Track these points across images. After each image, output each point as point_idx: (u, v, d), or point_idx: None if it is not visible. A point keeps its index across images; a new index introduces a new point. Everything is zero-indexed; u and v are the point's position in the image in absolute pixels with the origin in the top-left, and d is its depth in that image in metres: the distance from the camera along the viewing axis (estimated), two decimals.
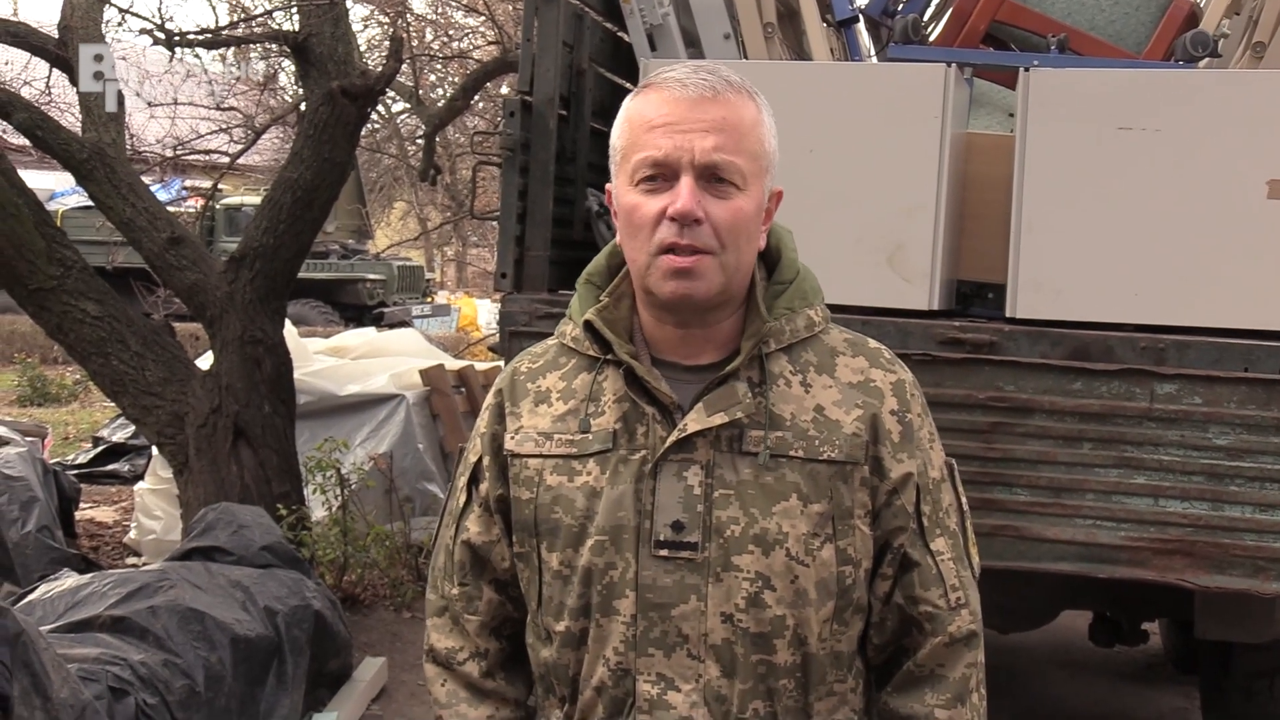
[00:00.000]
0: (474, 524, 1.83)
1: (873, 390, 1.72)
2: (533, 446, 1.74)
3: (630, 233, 1.66)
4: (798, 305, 1.73)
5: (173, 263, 6.12)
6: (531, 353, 1.85)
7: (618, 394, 1.71)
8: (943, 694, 1.72)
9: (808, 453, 1.66)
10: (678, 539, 1.65)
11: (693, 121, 1.61)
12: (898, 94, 3.78)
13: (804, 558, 1.65)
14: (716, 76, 1.64)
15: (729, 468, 1.66)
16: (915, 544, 1.72)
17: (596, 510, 1.68)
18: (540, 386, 1.78)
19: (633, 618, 1.67)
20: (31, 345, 16.11)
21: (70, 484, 7.16)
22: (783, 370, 1.70)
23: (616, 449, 1.69)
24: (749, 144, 1.64)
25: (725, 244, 1.62)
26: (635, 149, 1.65)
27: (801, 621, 1.66)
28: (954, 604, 1.72)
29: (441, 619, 1.87)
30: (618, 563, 1.67)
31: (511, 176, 4.11)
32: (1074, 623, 5.27)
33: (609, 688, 1.69)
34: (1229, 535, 3.49)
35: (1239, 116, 3.61)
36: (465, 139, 13.49)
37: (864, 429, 1.69)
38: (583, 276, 1.82)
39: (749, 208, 1.64)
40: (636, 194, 1.64)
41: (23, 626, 3.36)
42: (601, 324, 1.72)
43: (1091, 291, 3.67)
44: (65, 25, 6.39)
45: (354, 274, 20.55)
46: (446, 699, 1.85)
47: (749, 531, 1.65)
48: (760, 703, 1.67)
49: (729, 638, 1.65)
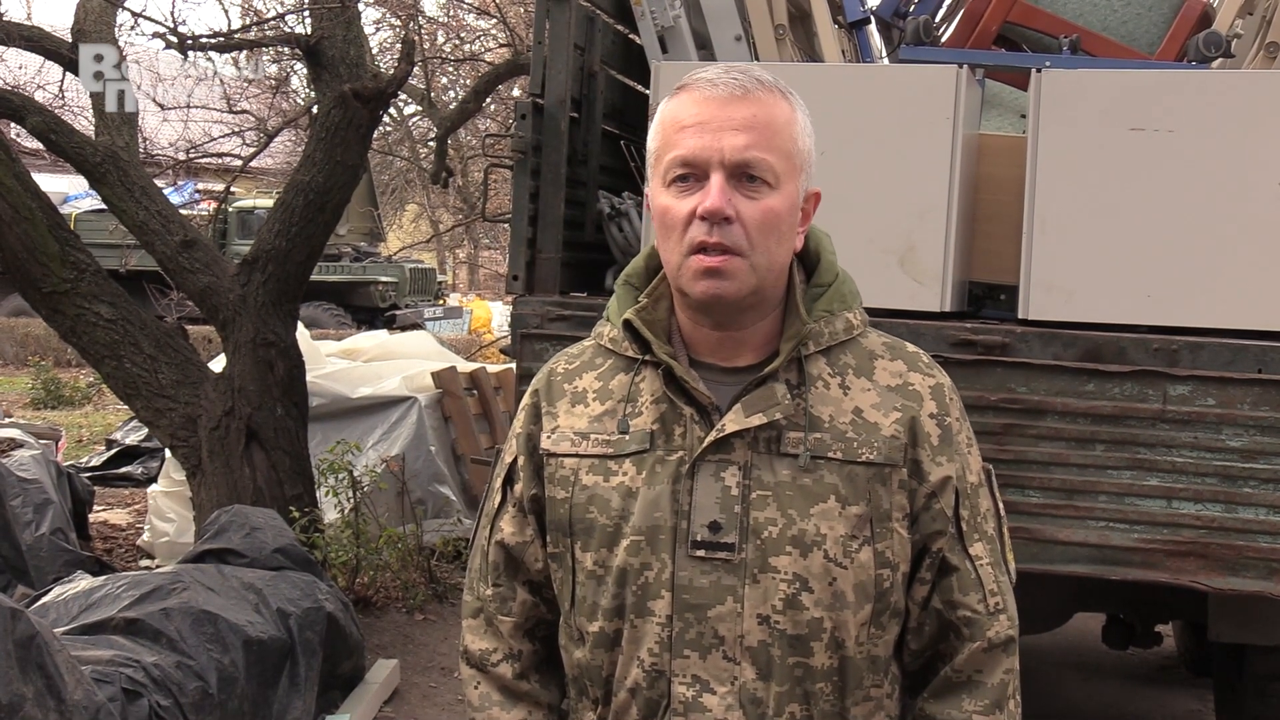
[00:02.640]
0: (508, 524, 1.83)
1: (911, 394, 1.71)
2: (569, 446, 1.74)
3: (664, 233, 1.66)
4: (837, 308, 1.73)
5: (186, 266, 6.13)
6: (568, 353, 1.85)
7: (655, 395, 1.70)
8: (981, 700, 1.71)
9: (846, 454, 1.66)
10: (715, 540, 1.65)
11: (723, 120, 1.61)
12: (909, 95, 3.78)
13: (842, 560, 1.65)
14: (748, 76, 1.64)
15: (767, 469, 1.66)
16: (954, 548, 1.71)
17: (632, 510, 1.68)
18: (577, 387, 1.77)
19: (668, 619, 1.66)
20: (45, 348, 16.17)
21: (84, 486, 7.17)
22: (821, 372, 1.70)
23: (654, 449, 1.69)
24: (781, 142, 1.64)
25: (755, 244, 1.62)
26: (667, 149, 1.65)
27: (839, 624, 1.65)
28: (992, 609, 1.71)
29: (476, 620, 1.87)
30: (653, 563, 1.66)
31: (523, 179, 4.12)
32: (1087, 625, 5.26)
33: (643, 689, 1.68)
34: (1243, 537, 3.48)
35: (1252, 117, 3.60)
36: (477, 141, 13.51)
37: (903, 432, 1.68)
38: (621, 278, 1.81)
39: (781, 207, 1.63)
40: (669, 195, 1.65)
41: (37, 629, 3.37)
42: (641, 324, 1.71)
43: (1104, 293, 3.66)
44: (78, 29, 6.42)
45: (366, 277, 20.60)
46: (479, 702, 1.85)
47: (787, 533, 1.64)
48: (796, 706, 1.66)
49: (765, 640, 1.64)
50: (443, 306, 22.26)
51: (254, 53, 9.05)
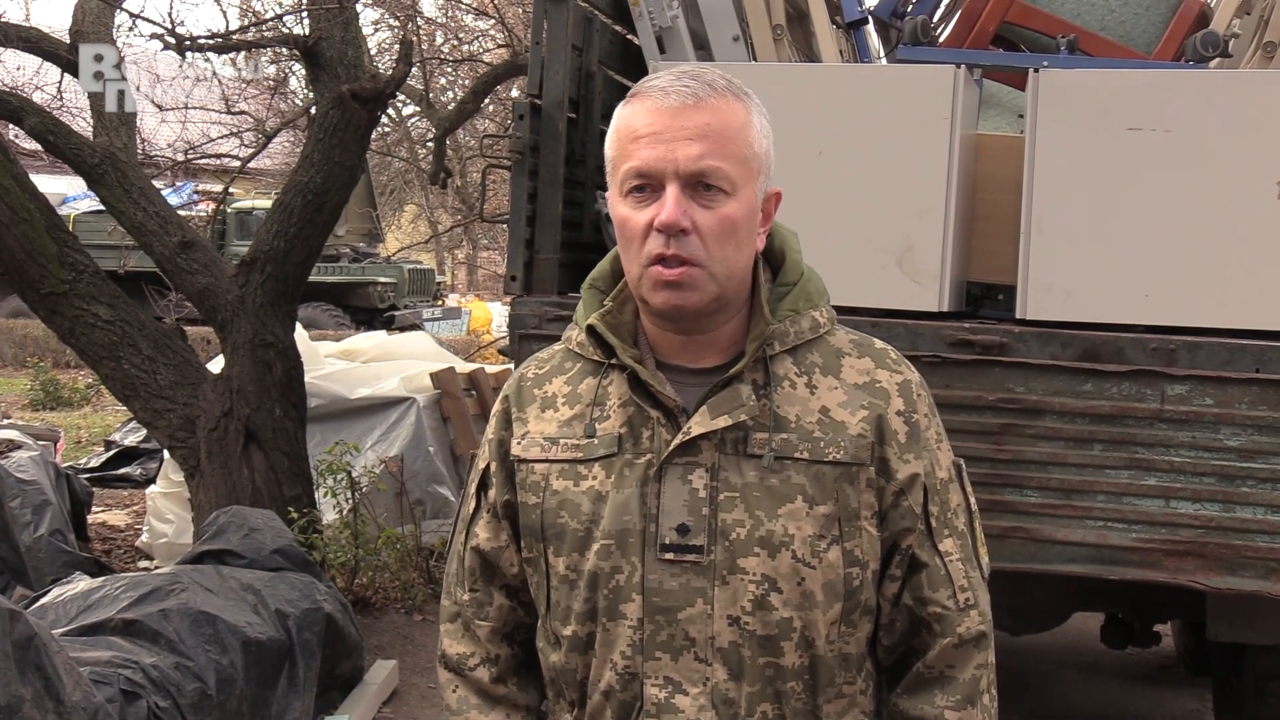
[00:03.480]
0: (483, 530, 1.83)
1: (878, 391, 1.71)
2: (539, 451, 1.74)
3: (624, 244, 1.67)
4: (802, 307, 1.73)
5: (184, 267, 6.13)
6: (538, 358, 1.85)
7: (622, 398, 1.71)
8: (952, 695, 1.71)
9: (813, 454, 1.66)
10: (683, 542, 1.65)
11: (676, 130, 1.60)
12: (907, 96, 3.78)
13: (810, 560, 1.65)
14: (700, 82, 1.63)
15: (734, 470, 1.66)
16: (923, 545, 1.71)
17: (602, 514, 1.68)
18: (546, 392, 1.78)
19: (639, 621, 1.67)
20: (43, 349, 16.16)
21: (82, 487, 7.17)
22: (787, 372, 1.70)
23: (622, 453, 1.69)
24: (736, 148, 1.63)
25: (713, 253, 1.61)
26: (623, 160, 1.64)
27: (809, 624, 1.66)
28: (963, 605, 1.72)
29: (454, 625, 1.88)
30: (624, 566, 1.67)
31: (521, 179, 4.12)
32: (1086, 624, 5.26)
33: (617, 692, 1.69)
34: (1241, 537, 3.48)
35: (1250, 117, 3.60)
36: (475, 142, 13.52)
37: (870, 430, 1.68)
38: (587, 281, 1.81)
39: (738, 214, 1.63)
40: (626, 206, 1.64)
41: (35, 630, 3.37)
42: (605, 329, 1.72)
43: (1102, 292, 3.66)
44: (76, 30, 6.42)
45: (365, 277, 20.59)
46: (458, 706, 1.85)
47: (755, 534, 1.64)
48: (768, 705, 1.67)
49: (736, 640, 1.65)
50: (441, 307, 22.24)
51: (252, 53, 9.04)
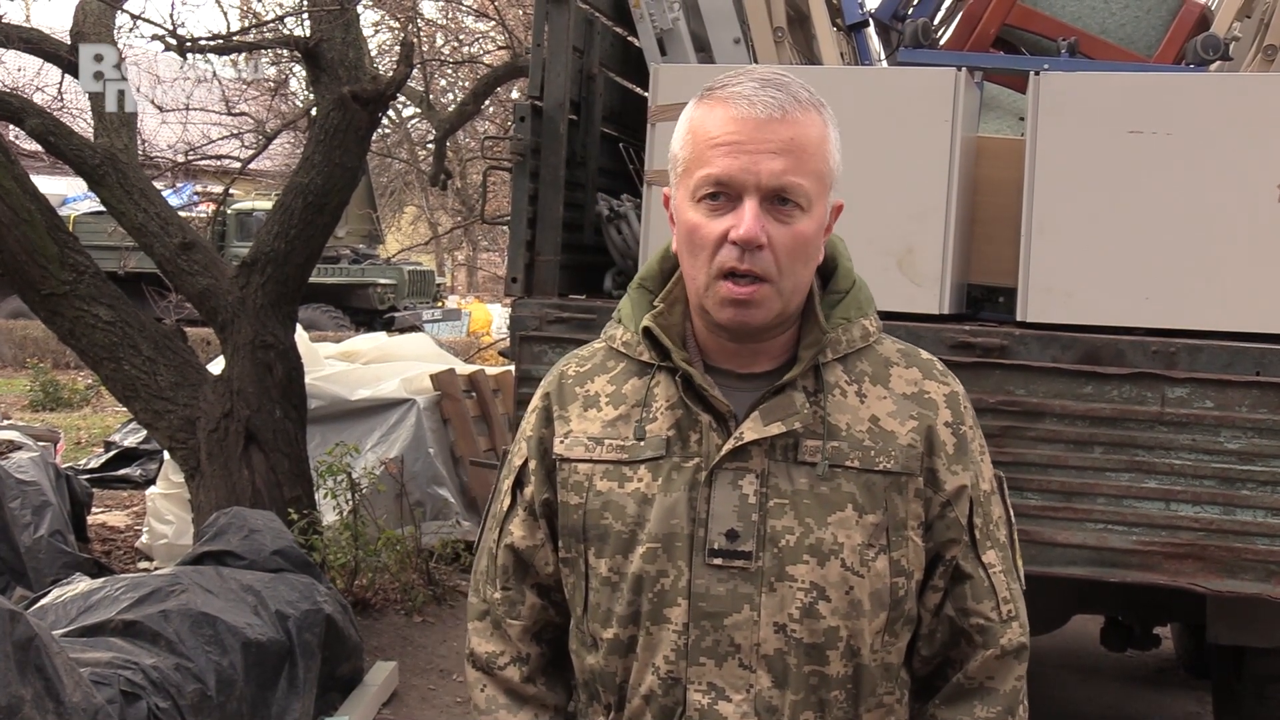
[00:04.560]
0: (518, 528, 1.81)
1: (927, 402, 1.71)
2: (583, 451, 1.72)
3: (690, 251, 1.64)
4: (854, 315, 1.73)
5: (184, 268, 6.13)
6: (578, 356, 1.83)
7: (671, 400, 1.69)
8: (993, 707, 1.71)
9: (864, 463, 1.65)
10: (732, 548, 1.64)
11: (760, 142, 1.58)
12: (908, 98, 3.78)
13: (859, 568, 1.64)
14: (785, 93, 1.61)
15: (784, 477, 1.65)
16: (968, 556, 1.71)
17: (648, 517, 1.67)
18: (589, 390, 1.76)
19: (684, 626, 1.65)
20: (44, 350, 16.16)
21: (82, 488, 7.17)
22: (838, 380, 1.69)
23: (670, 456, 1.68)
24: (815, 164, 1.62)
25: (784, 269, 1.60)
26: (698, 165, 1.61)
27: (855, 633, 1.65)
28: (1005, 616, 1.72)
29: (483, 623, 1.86)
30: (669, 570, 1.66)
31: (522, 181, 4.12)
32: (1086, 627, 5.26)
33: (658, 696, 1.67)
34: (1241, 539, 3.48)
35: (1250, 120, 3.60)
36: (476, 144, 13.52)
37: (919, 440, 1.68)
38: (635, 281, 1.79)
39: (811, 230, 1.62)
40: (698, 212, 1.62)
41: (35, 631, 3.37)
42: (660, 331, 1.70)
43: (1102, 295, 3.66)
44: (77, 31, 6.41)
45: (365, 279, 20.59)
46: (486, 705, 1.84)
47: (804, 541, 1.63)
48: (811, 713, 1.66)
49: (781, 648, 1.64)
50: (441, 308, 22.24)
51: (253, 55, 9.05)
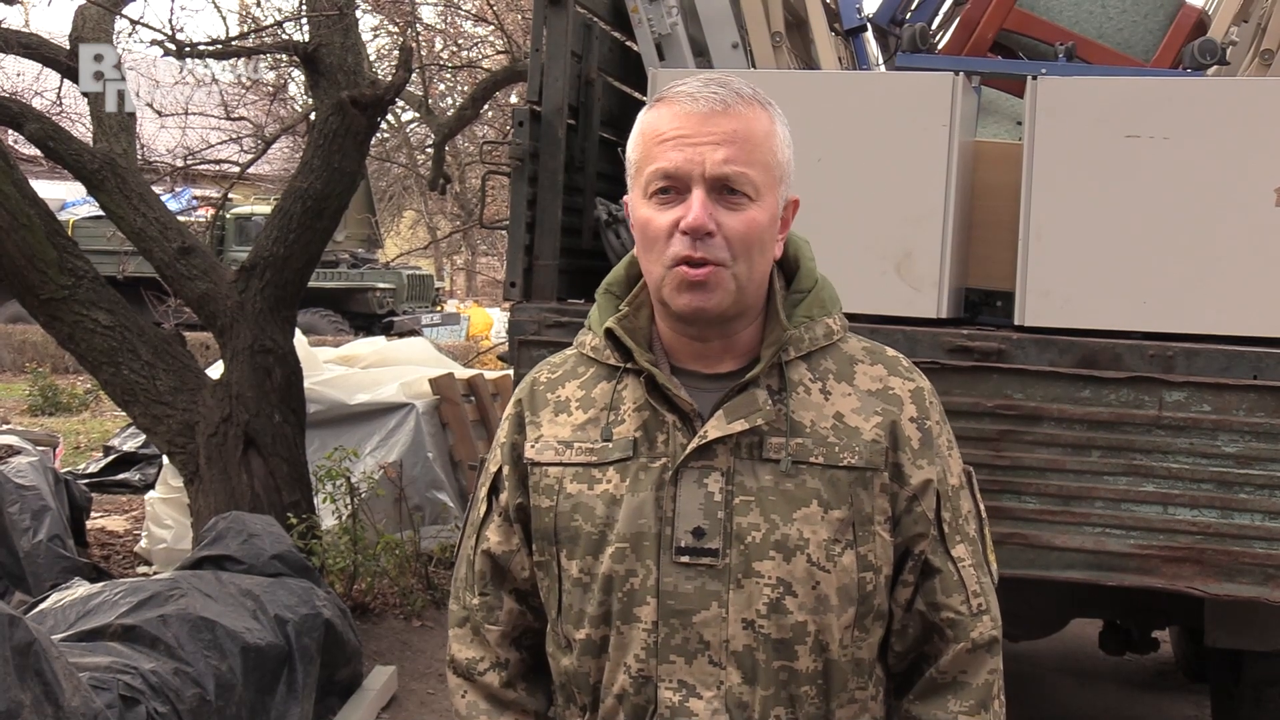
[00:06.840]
0: (494, 534, 1.84)
1: (892, 398, 1.73)
2: (553, 455, 1.75)
3: (645, 245, 1.68)
4: (816, 314, 1.75)
5: (183, 272, 6.14)
6: (550, 362, 1.86)
7: (638, 402, 1.72)
8: (966, 700, 1.73)
9: (828, 459, 1.67)
10: (698, 545, 1.66)
11: (704, 135, 1.62)
12: (906, 102, 3.78)
13: (825, 564, 1.66)
14: (727, 89, 1.65)
15: (749, 474, 1.67)
16: (936, 550, 1.73)
17: (617, 518, 1.69)
18: (560, 396, 1.79)
19: (654, 625, 1.67)
20: (43, 355, 16.17)
21: (81, 493, 7.17)
22: (802, 378, 1.71)
23: (637, 457, 1.70)
24: (761, 155, 1.65)
25: (737, 255, 1.63)
26: (647, 162, 1.66)
27: (823, 628, 1.67)
28: (975, 610, 1.74)
29: (463, 629, 1.88)
30: (638, 570, 1.68)
31: (520, 185, 4.12)
32: (1084, 631, 5.26)
33: (630, 695, 1.69)
34: (1238, 543, 3.48)
35: (1247, 124, 3.61)
36: (475, 148, 13.53)
37: (884, 436, 1.70)
38: (602, 286, 1.82)
39: (762, 218, 1.65)
40: (650, 207, 1.66)
41: (34, 635, 3.37)
42: (622, 332, 1.73)
43: (1100, 299, 3.67)
44: (76, 36, 6.43)
45: (364, 283, 20.60)
46: (467, 711, 1.86)
47: (770, 538, 1.65)
48: (782, 709, 1.67)
49: (750, 644, 1.66)
50: (440, 313, 22.25)
51: (251, 59, 9.05)
